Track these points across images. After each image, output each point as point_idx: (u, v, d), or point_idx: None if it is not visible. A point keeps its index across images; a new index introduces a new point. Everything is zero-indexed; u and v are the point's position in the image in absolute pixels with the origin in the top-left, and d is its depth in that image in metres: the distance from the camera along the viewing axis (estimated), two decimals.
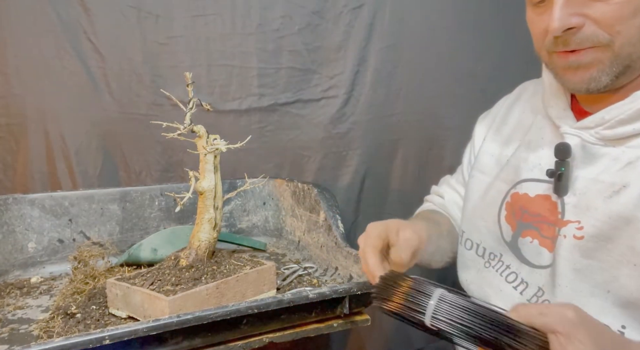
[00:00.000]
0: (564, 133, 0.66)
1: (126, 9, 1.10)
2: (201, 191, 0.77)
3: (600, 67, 0.58)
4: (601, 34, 0.56)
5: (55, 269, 0.97)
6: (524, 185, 0.71)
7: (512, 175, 0.73)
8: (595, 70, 0.59)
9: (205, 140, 0.77)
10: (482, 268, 0.76)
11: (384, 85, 1.21)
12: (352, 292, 0.68)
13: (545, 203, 0.68)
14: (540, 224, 0.68)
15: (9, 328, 0.73)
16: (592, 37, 0.57)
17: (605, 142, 0.63)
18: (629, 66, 0.58)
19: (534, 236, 0.69)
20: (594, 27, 0.57)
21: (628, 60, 0.58)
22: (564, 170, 0.64)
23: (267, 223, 1.17)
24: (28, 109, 1.12)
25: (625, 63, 0.58)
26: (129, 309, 0.72)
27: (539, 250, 0.68)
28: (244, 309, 0.62)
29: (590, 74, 0.59)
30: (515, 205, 0.72)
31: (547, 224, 0.67)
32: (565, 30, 0.57)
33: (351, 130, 1.22)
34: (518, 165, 0.73)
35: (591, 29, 0.57)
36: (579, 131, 0.64)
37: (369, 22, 1.18)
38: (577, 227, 0.62)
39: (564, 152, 0.64)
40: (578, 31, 0.57)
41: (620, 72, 0.58)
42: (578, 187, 0.64)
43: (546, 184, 0.68)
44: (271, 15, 1.15)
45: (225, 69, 1.17)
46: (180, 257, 0.77)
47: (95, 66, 1.12)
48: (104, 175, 1.17)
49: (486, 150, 0.81)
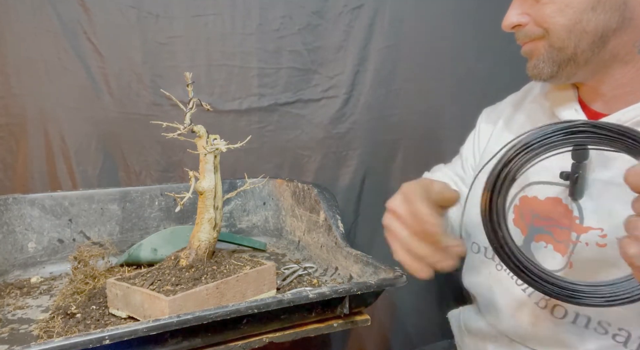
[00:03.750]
0: None
1: (126, 9, 1.10)
2: (201, 191, 0.77)
3: (539, 57, 0.66)
4: (536, 30, 0.66)
5: (55, 269, 0.97)
6: (534, 188, 0.70)
7: (521, 178, 0.73)
8: (535, 58, 0.67)
9: (205, 140, 0.77)
10: (494, 271, 0.76)
11: (384, 85, 1.21)
12: (352, 292, 0.68)
13: (556, 206, 0.67)
14: (553, 228, 0.68)
15: (9, 328, 0.73)
16: (530, 32, 0.67)
17: None
18: (569, 59, 0.64)
19: (548, 241, 0.68)
20: (533, 24, 0.66)
21: (563, 53, 0.64)
22: (581, 172, 0.63)
23: (267, 223, 1.17)
24: (28, 109, 1.12)
25: (561, 56, 0.64)
26: (129, 309, 0.72)
27: (553, 255, 0.67)
28: (244, 309, 0.62)
29: (533, 62, 0.68)
30: (524, 209, 0.71)
31: (560, 228, 0.67)
32: (512, 28, 0.69)
33: (351, 130, 1.22)
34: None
35: (531, 26, 0.66)
36: None
37: (369, 22, 1.18)
38: (600, 234, 0.62)
39: (582, 155, 0.63)
40: (522, 28, 0.67)
41: (561, 62, 0.65)
42: (594, 191, 0.63)
43: (556, 187, 0.67)
44: (271, 15, 1.15)
45: (225, 69, 1.17)
46: (180, 257, 0.77)
47: (95, 66, 1.12)
48: (104, 175, 1.17)
49: (492, 151, 0.81)
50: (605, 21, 0.61)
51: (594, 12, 0.61)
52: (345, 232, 0.94)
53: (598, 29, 0.61)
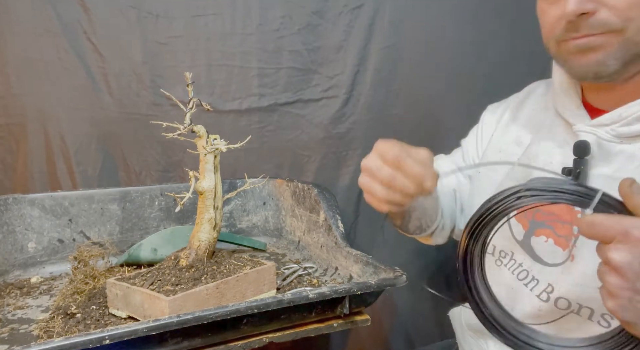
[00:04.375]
0: (579, 131, 0.65)
1: (126, 9, 1.10)
2: (201, 191, 0.77)
3: (608, 51, 0.58)
4: (613, 20, 0.57)
5: (55, 269, 0.97)
6: None
7: (523, 173, 0.73)
8: (603, 53, 0.59)
9: (205, 140, 0.77)
10: (493, 266, 0.76)
11: (384, 85, 1.21)
12: (352, 292, 0.68)
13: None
14: (554, 223, 0.68)
15: (9, 328, 0.73)
16: (604, 23, 0.57)
17: (620, 139, 0.62)
18: (638, 54, 0.58)
19: (549, 235, 0.69)
20: (607, 12, 0.57)
21: (638, 47, 0.58)
22: (583, 168, 0.63)
23: (267, 223, 1.17)
24: (28, 109, 1.12)
25: (634, 51, 0.58)
26: (129, 309, 0.72)
27: (554, 249, 0.68)
28: (244, 309, 0.62)
29: (598, 57, 0.59)
30: None
31: (561, 223, 0.67)
32: (579, 15, 0.58)
33: (351, 130, 1.22)
34: (529, 163, 0.72)
35: (604, 15, 0.57)
36: (594, 129, 0.64)
37: (369, 22, 1.18)
38: None
39: (584, 150, 0.63)
40: (591, 16, 0.58)
41: (630, 59, 0.59)
42: (597, 186, 0.63)
43: None
44: (271, 15, 1.15)
45: (225, 69, 1.17)
46: (180, 257, 0.77)
47: (95, 66, 1.12)
48: (104, 175, 1.17)
49: (495, 147, 0.81)
50: None
51: None
52: (345, 232, 0.94)
53: None
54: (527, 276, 0.71)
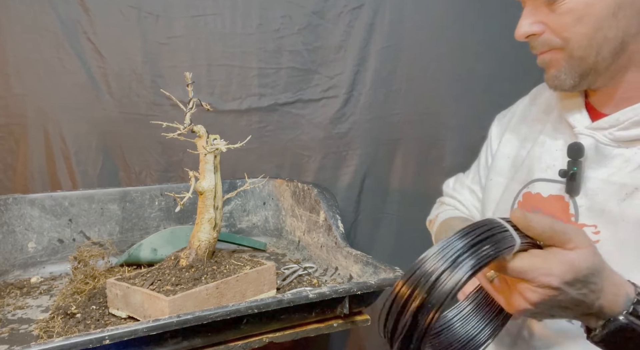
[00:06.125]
0: (579, 133, 0.66)
1: (126, 9, 1.10)
2: (201, 191, 0.77)
3: (558, 67, 0.64)
4: (554, 39, 0.63)
5: (55, 269, 0.97)
6: (537, 185, 0.71)
7: (525, 174, 0.73)
8: (555, 69, 0.64)
9: (205, 140, 0.77)
10: None
11: (384, 85, 1.21)
12: (352, 292, 0.68)
13: (557, 203, 0.67)
14: None
15: (9, 328, 0.73)
16: (547, 42, 0.63)
17: (618, 143, 0.63)
18: (590, 68, 0.62)
19: None
20: (549, 33, 0.63)
21: (584, 63, 0.62)
22: (576, 170, 0.64)
23: (267, 223, 1.17)
24: (28, 109, 1.12)
25: (583, 65, 0.62)
26: (129, 309, 0.72)
27: None
28: (244, 309, 0.62)
29: (553, 72, 0.65)
30: (527, 205, 0.71)
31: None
32: (527, 37, 0.65)
33: (351, 130, 1.22)
34: (531, 164, 0.73)
35: (548, 35, 0.63)
36: (593, 132, 0.65)
37: (369, 22, 1.18)
38: (594, 231, 0.62)
39: (577, 152, 0.64)
40: (538, 37, 0.64)
41: (584, 72, 0.62)
42: (590, 188, 0.64)
43: (559, 185, 0.68)
44: (271, 15, 1.15)
45: (225, 69, 1.17)
46: (180, 257, 0.77)
47: (95, 66, 1.12)
48: (104, 175, 1.17)
49: (503, 152, 0.81)
50: (626, 27, 0.59)
51: (615, 18, 0.58)
52: (345, 232, 0.94)
53: (619, 35, 0.59)
54: None
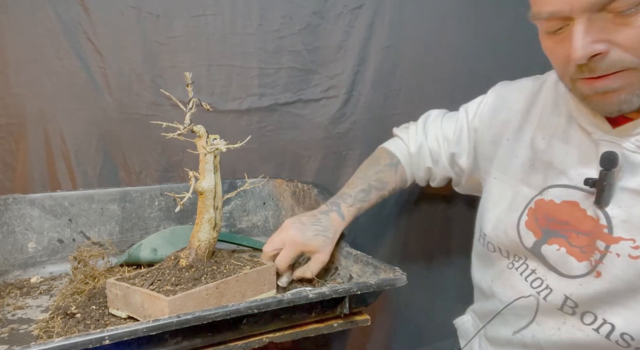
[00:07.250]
0: (599, 140, 0.62)
1: (126, 9, 1.10)
2: (201, 191, 0.77)
3: (630, 90, 0.56)
4: (628, 58, 0.54)
5: (55, 269, 0.97)
6: (550, 192, 0.69)
7: (539, 181, 0.71)
8: (625, 93, 0.57)
9: (205, 140, 0.77)
10: (505, 268, 0.75)
11: (384, 85, 1.21)
12: (352, 292, 0.68)
13: (572, 209, 0.65)
14: (569, 232, 0.66)
15: (9, 328, 0.73)
16: (619, 62, 0.54)
17: None
18: None
19: (562, 244, 0.67)
20: (619, 51, 0.54)
21: None
22: (609, 180, 0.59)
23: (267, 223, 1.17)
24: (28, 109, 1.12)
25: None
26: (129, 309, 0.72)
27: (566, 259, 0.66)
28: (244, 309, 0.62)
29: (620, 97, 0.57)
30: (538, 212, 0.70)
31: (576, 233, 0.65)
32: (590, 58, 0.55)
33: (351, 130, 1.22)
34: (545, 170, 0.70)
35: (617, 54, 0.54)
36: (616, 138, 0.61)
37: (369, 22, 1.18)
38: (633, 246, 0.59)
39: (612, 162, 0.59)
40: (604, 57, 0.55)
41: None
42: (623, 199, 0.60)
43: (573, 191, 0.65)
44: (271, 15, 1.15)
45: (225, 69, 1.17)
46: (180, 257, 0.77)
47: (95, 66, 1.12)
48: (104, 175, 1.17)
49: (508, 149, 0.79)
50: None
51: None
52: (345, 232, 0.94)
53: None
54: (541, 284, 0.69)
